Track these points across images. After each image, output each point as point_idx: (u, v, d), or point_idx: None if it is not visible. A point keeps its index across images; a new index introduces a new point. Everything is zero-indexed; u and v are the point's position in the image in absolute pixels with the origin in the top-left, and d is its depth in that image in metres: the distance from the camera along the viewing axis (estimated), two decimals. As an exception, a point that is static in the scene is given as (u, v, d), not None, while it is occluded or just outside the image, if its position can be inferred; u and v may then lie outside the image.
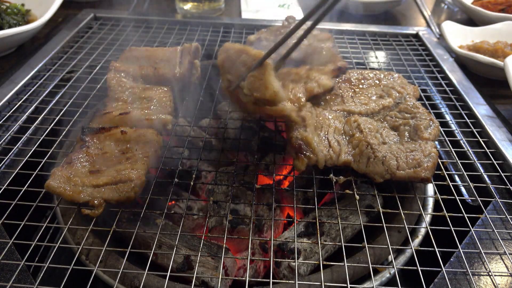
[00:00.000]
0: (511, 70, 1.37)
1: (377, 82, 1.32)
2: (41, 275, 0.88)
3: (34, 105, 1.31)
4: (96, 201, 0.87)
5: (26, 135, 1.18)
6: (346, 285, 0.81)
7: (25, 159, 1.09)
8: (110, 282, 0.86)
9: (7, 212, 0.91)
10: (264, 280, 0.84)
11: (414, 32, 1.93)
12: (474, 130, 1.28)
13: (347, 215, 1.10)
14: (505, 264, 0.89)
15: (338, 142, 1.07)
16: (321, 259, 0.90)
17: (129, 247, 0.86)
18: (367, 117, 1.17)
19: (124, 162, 0.97)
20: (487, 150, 1.19)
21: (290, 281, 0.88)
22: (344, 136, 1.10)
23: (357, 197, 1.00)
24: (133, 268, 0.88)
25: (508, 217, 0.98)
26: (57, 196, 0.98)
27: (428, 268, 0.84)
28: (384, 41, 1.85)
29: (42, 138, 1.16)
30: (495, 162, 1.14)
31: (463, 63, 1.70)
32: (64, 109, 1.28)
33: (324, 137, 1.08)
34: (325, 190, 1.10)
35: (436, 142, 1.13)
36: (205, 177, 1.26)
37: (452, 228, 0.92)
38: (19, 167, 1.07)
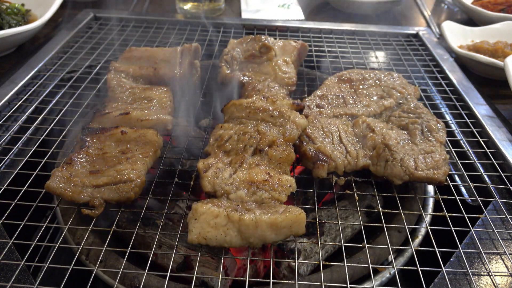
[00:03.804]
0: (511, 70, 1.37)
1: (378, 82, 1.32)
2: (41, 275, 0.88)
3: (34, 105, 1.31)
4: (96, 201, 0.87)
5: (26, 135, 1.17)
6: (346, 285, 0.81)
7: (25, 159, 1.09)
8: (110, 282, 0.86)
9: (7, 212, 0.91)
10: (264, 280, 0.84)
11: (414, 32, 1.93)
12: (474, 130, 1.27)
13: (347, 215, 1.10)
14: (505, 264, 0.89)
15: (353, 145, 1.06)
16: (321, 259, 0.90)
17: (129, 247, 0.86)
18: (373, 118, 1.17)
19: (124, 162, 0.97)
20: (487, 150, 1.19)
21: (290, 281, 0.88)
22: (356, 139, 1.09)
23: (357, 197, 1.00)
24: (133, 268, 0.88)
25: (508, 217, 0.98)
26: (57, 196, 0.98)
27: (428, 268, 0.84)
28: (384, 41, 1.85)
29: (42, 138, 1.16)
30: (495, 162, 1.14)
31: (463, 63, 1.70)
32: (64, 109, 1.28)
33: (337, 143, 1.07)
34: (325, 190, 1.10)
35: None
36: (205, 177, 1.26)
37: (452, 228, 0.92)
38: (19, 167, 1.07)
